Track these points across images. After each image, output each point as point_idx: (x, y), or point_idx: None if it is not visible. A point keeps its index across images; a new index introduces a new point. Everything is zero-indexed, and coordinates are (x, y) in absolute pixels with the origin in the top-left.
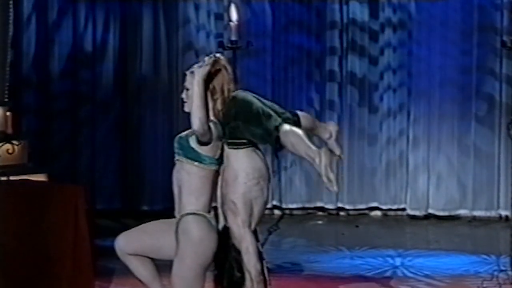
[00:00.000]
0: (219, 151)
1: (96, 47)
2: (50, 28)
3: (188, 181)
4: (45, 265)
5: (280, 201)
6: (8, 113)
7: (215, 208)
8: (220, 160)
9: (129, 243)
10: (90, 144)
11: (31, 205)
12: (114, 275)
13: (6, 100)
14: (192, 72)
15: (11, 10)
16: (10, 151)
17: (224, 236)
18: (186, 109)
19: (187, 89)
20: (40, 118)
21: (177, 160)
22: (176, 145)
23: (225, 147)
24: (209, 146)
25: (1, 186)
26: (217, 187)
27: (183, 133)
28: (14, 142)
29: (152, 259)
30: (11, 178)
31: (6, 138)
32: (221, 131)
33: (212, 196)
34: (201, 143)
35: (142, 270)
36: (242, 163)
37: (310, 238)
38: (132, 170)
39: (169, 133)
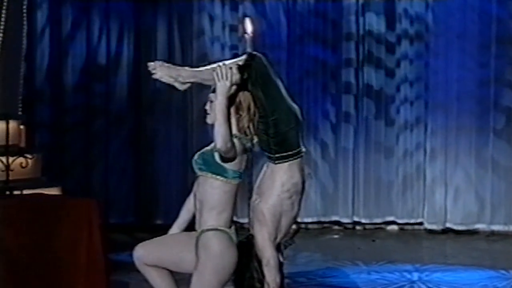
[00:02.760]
0: (244, 164)
1: (110, 59)
2: (64, 41)
3: (212, 195)
4: (58, 280)
5: None
6: (21, 127)
7: (236, 223)
8: (243, 174)
9: (148, 254)
10: (104, 157)
11: (45, 219)
12: None
13: (20, 113)
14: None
15: (25, 23)
16: (23, 165)
17: (247, 245)
18: (209, 121)
19: (211, 101)
20: (53, 131)
21: (200, 175)
22: (199, 160)
23: (271, 164)
24: (236, 159)
25: (15, 200)
26: (237, 202)
27: (207, 149)
28: (27, 155)
29: (171, 271)
30: (25, 192)
31: (20, 152)
32: (247, 144)
33: (234, 211)
34: (224, 159)
35: (160, 281)
36: (282, 175)
37: (326, 253)
38: (146, 184)
39: (183, 146)
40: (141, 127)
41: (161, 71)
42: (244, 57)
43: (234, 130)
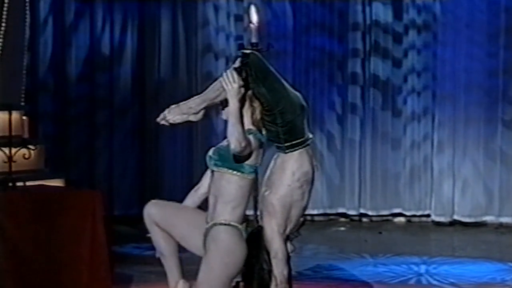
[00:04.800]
0: (260, 159)
1: (113, 50)
2: (67, 30)
3: (228, 191)
4: (62, 272)
5: None
6: (24, 118)
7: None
8: (258, 168)
9: (160, 216)
10: (108, 149)
11: (48, 211)
12: (132, 283)
13: (23, 104)
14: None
15: (28, 12)
16: (26, 156)
17: (258, 236)
18: (224, 116)
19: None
20: (57, 122)
21: (216, 171)
22: (214, 156)
23: (281, 154)
24: (252, 154)
25: (17, 191)
26: (251, 196)
27: (222, 144)
28: (30, 147)
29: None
30: (28, 183)
31: (23, 143)
32: (262, 138)
33: (247, 206)
34: (239, 159)
35: (164, 244)
36: (292, 164)
37: (332, 245)
38: (151, 175)
39: (188, 138)
40: (145, 118)
41: (171, 114)
42: (239, 59)
43: (249, 125)
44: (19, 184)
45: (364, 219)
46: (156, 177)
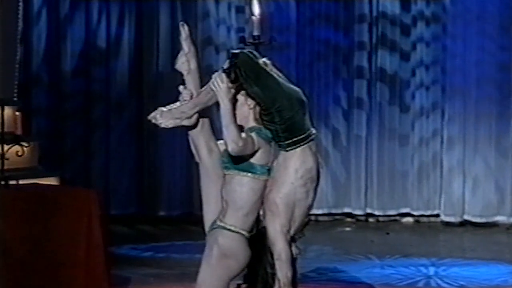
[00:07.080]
0: (271, 158)
1: (110, 43)
2: (62, 23)
3: (240, 194)
4: (57, 273)
5: None
6: (17, 113)
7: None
8: (271, 169)
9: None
10: (104, 145)
11: (42, 211)
12: (130, 285)
13: (15, 99)
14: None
15: (20, 4)
16: (19, 153)
17: (260, 238)
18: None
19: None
20: (51, 118)
21: (227, 174)
22: (224, 159)
23: (283, 152)
24: (260, 153)
25: (10, 190)
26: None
27: None
28: (23, 143)
29: None
30: (21, 182)
31: (16, 140)
32: (268, 134)
33: (258, 213)
34: (241, 158)
35: (201, 148)
36: (295, 161)
37: (337, 246)
38: (149, 174)
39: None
40: (143, 113)
41: (163, 118)
42: (228, 60)
43: (252, 123)
44: (12, 182)
45: (371, 219)
46: (154, 175)
